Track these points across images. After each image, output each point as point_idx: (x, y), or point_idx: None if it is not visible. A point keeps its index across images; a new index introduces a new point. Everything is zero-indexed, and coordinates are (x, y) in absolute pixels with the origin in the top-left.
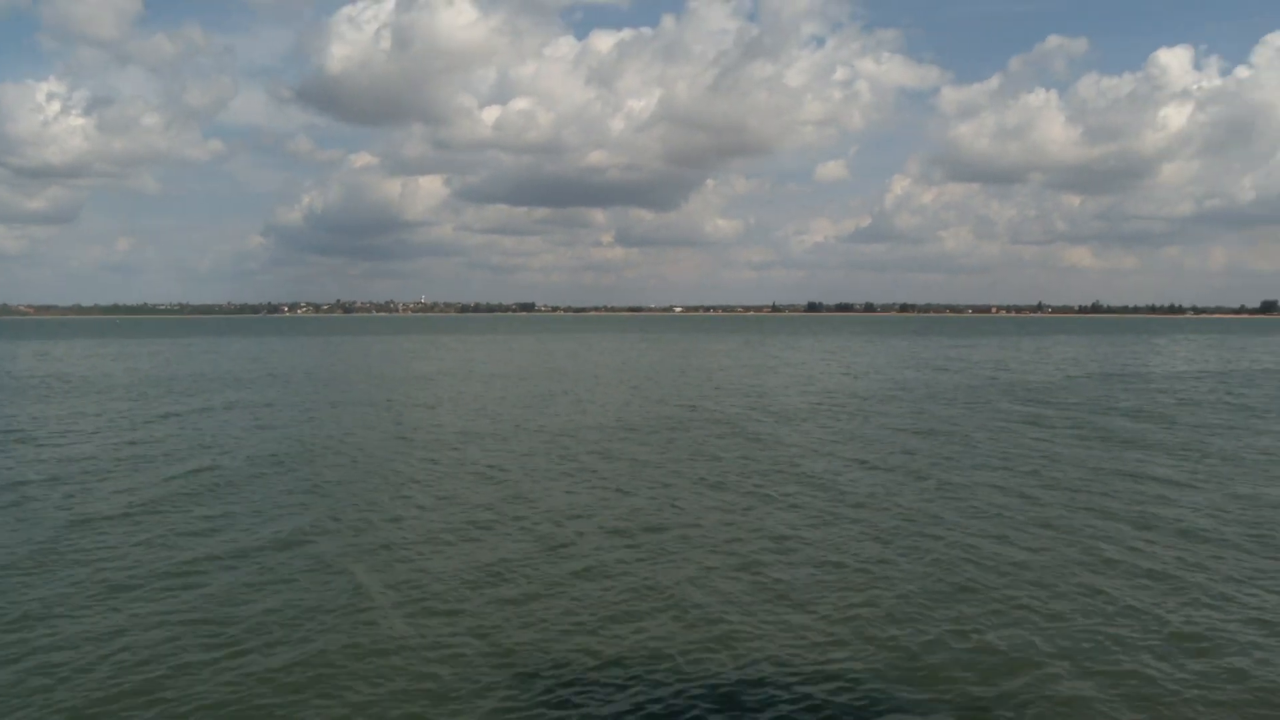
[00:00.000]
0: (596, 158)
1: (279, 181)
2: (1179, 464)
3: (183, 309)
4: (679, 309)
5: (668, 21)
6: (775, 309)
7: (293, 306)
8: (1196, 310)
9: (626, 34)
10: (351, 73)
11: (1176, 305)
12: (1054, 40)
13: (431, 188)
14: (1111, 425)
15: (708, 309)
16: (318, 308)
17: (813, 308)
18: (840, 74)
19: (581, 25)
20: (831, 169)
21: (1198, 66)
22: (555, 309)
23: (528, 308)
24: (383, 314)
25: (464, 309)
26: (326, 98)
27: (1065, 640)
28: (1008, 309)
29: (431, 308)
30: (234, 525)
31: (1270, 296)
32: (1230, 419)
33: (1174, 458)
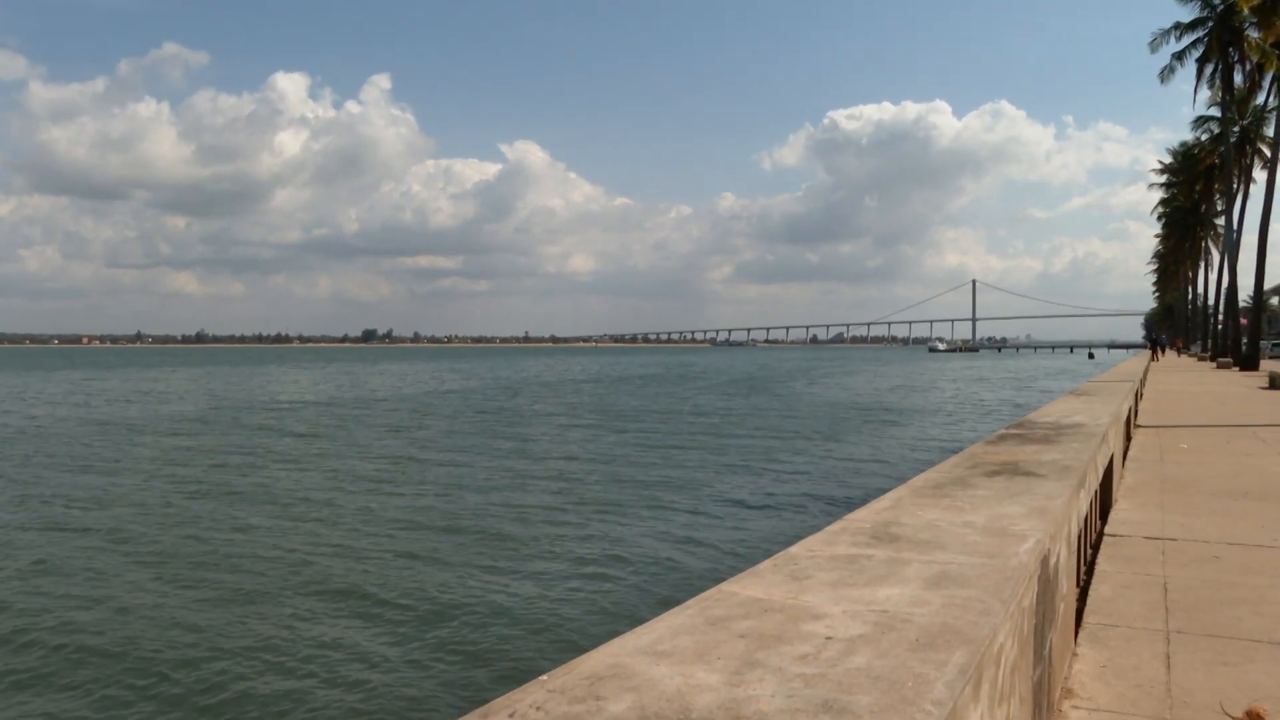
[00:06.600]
0: None
1: None
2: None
3: None
4: None
5: None
6: None
7: None
8: (304, 339)
9: None
10: None
11: (284, 334)
12: (171, 48)
13: None
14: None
15: None
16: None
17: None
18: None
19: None
20: None
21: (313, 95)
22: None
23: None
24: None
25: None
26: None
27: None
28: (103, 339)
29: None
30: None
31: (371, 326)
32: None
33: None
